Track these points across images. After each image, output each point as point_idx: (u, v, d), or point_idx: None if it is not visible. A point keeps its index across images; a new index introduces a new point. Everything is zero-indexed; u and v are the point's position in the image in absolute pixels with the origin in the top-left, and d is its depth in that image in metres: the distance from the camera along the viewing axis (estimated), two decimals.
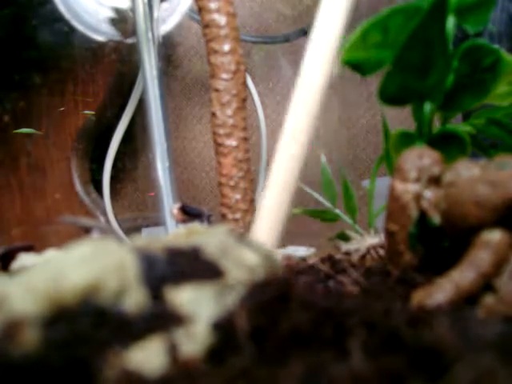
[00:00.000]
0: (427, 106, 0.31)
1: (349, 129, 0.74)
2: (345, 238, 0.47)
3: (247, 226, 0.43)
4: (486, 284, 0.22)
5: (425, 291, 0.22)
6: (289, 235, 0.34)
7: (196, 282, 0.20)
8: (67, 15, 0.63)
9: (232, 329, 0.18)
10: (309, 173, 0.77)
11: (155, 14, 0.60)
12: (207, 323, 0.19)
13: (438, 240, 0.25)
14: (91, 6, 0.65)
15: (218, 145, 0.43)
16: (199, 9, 0.43)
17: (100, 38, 0.65)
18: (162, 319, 0.18)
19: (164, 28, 0.62)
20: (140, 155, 0.75)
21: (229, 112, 0.43)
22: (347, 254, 0.36)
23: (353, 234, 0.41)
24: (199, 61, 0.74)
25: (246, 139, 0.44)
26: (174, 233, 0.27)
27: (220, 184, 0.43)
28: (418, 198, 0.25)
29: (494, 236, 0.22)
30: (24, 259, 0.29)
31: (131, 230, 0.68)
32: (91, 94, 0.67)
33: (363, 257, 0.36)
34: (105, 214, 0.67)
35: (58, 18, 0.63)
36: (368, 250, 0.36)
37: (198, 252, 0.21)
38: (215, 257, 0.21)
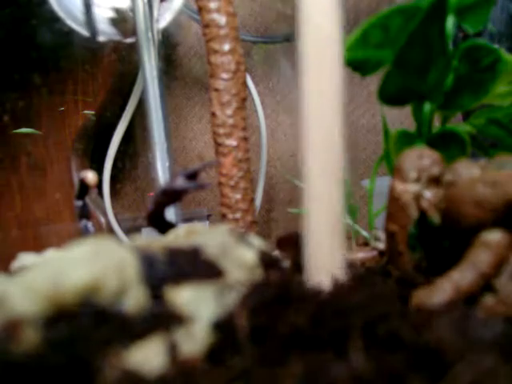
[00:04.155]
0: (427, 106, 0.31)
1: (349, 129, 0.74)
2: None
3: (247, 226, 0.43)
4: (486, 284, 0.22)
5: (425, 291, 0.22)
6: None
7: (196, 282, 0.20)
8: (61, 14, 0.62)
9: (232, 329, 0.18)
10: None
11: (155, 14, 0.60)
12: (207, 323, 0.19)
13: (437, 240, 0.25)
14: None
15: (218, 145, 0.43)
16: (199, 8, 0.43)
17: (99, 38, 0.65)
18: (162, 319, 0.18)
19: (159, 25, 0.62)
20: (140, 155, 0.75)
21: (229, 112, 0.43)
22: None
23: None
24: (199, 61, 0.74)
25: (246, 139, 0.44)
26: (173, 233, 0.27)
27: (220, 184, 0.43)
28: (417, 198, 0.25)
29: (494, 236, 0.22)
30: (24, 259, 0.29)
31: (131, 229, 0.68)
32: (91, 94, 0.67)
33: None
34: (105, 213, 0.67)
35: (58, 18, 0.63)
36: None
37: (198, 252, 0.21)
38: (215, 257, 0.21)
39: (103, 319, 0.17)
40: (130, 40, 0.65)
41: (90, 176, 0.31)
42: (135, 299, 0.18)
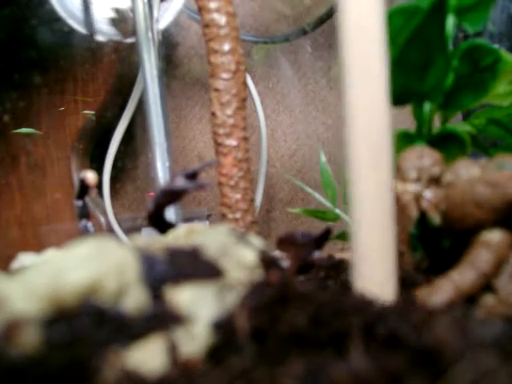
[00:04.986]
0: (427, 106, 0.31)
1: None
2: (345, 237, 0.47)
3: (247, 226, 0.43)
4: (486, 284, 0.22)
5: (425, 291, 0.22)
6: None
7: (196, 282, 0.20)
8: (62, 14, 0.63)
9: (232, 329, 0.18)
10: (309, 173, 0.77)
11: (155, 14, 0.60)
12: (207, 323, 0.19)
13: (438, 240, 0.25)
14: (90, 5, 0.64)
15: (217, 144, 0.43)
16: (199, 8, 0.43)
17: (99, 38, 0.65)
18: (161, 319, 0.18)
19: (159, 25, 0.62)
20: (140, 155, 0.75)
21: (229, 112, 0.43)
22: None
23: None
24: (199, 61, 0.74)
25: (245, 139, 0.44)
26: (173, 233, 0.27)
27: (220, 184, 0.43)
28: (418, 198, 0.25)
29: (494, 236, 0.22)
30: (24, 259, 0.29)
31: (131, 229, 0.68)
32: (91, 94, 0.67)
33: None
34: (105, 213, 0.67)
35: (58, 18, 0.63)
36: None
37: (198, 252, 0.21)
38: (215, 257, 0.21)
39: (103, 319, 0.17)
40: (129, 40, 0.65)
41: (90, 176, 0.31)
42: (135, 299, 0.18)
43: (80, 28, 0.64)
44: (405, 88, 0.30)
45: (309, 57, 0.74)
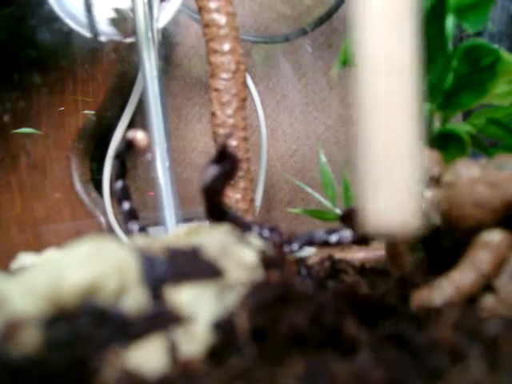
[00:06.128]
0: (427, 106, 0.31)
1: (349, 128, 0.74)
2: None
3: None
4: (486, 284, 0.22)
5: (425, 291, 0.22)
6: None
7: (196, 282, 0.20)
8: (61, 14, 0.63)
9: (232, 329, 0.18)
10: (309, 173, 0.77)
11: (155, 14, 0.60)
12: (207, 323, 0.19)
13: (438, 240, 0.25)
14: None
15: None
16: (199, 8, 0.43)
17: (99, 38, 0.65)
18: (161, 319, 0.18)
19: (159, 25, 0.62)
20: (140, 155, 0.75)
21: (229, 112, 0.43)
22: None
23: None
24: (199, 61, 0.74)
25: (245, 139, 0.44)
26: (173, 233, 0.27)
27: None
28: None
29: (494, 236, 0.22)
30: (24, 259, 0.29)
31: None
32: (91, 94, 0.67)
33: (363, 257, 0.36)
34: (105, 213, 0.67)
35: (58, 18, 0.63)
36: None
37: (198, 252, 0.21)
38: (215, 256, 0.21)
39: (103, 319, 0.17)
40: (129, 40, 0.65)
41: (140, 136, 0.26)
42: (135, 299, 0.18)
43: (80, 28, 0.64)
44: None
45: (309, 57, 0.74)
